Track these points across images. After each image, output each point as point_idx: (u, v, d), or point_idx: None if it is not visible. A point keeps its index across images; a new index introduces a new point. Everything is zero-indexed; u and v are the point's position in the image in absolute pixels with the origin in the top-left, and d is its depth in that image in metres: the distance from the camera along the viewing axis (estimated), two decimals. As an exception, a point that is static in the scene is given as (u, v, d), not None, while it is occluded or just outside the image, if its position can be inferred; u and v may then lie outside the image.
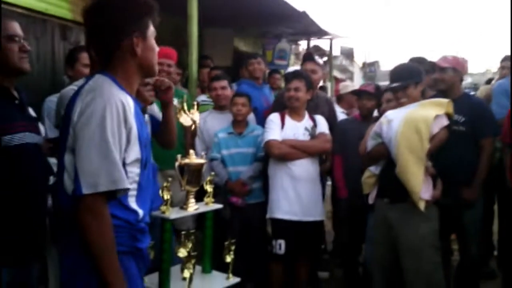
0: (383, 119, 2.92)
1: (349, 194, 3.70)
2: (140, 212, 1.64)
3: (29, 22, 3.93)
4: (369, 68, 18.24)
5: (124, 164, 1.54)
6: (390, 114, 2.91)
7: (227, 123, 3.76)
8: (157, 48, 1.72)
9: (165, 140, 2.50)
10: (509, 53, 4.47)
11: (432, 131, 2.71)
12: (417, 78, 2.97)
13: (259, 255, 3.64)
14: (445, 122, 2.80)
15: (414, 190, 2.69)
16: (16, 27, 1.98)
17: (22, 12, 3.85)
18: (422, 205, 2.71)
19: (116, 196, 1.53)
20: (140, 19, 1.65)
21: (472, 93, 6.02)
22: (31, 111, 2.18)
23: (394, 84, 2.99)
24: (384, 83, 4.67)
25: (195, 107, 2.37)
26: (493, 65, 20.89)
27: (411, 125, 2.73)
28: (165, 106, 2.39)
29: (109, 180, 1.47)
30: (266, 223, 3.92)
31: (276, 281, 3.41)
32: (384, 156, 2.90)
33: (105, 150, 1.47)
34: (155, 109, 2.58)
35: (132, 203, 1.61)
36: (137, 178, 1.62)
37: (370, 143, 2.97)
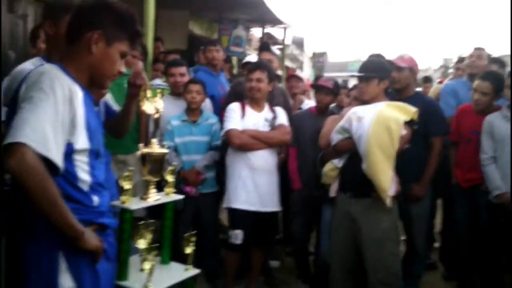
0: (352, 115, 2.88)
1: (302, 186, 3.75)
2: (96, 199, 1.63)
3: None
4: (318, 59, 18.43)
5: (72, 151, 1.51)
6: (360, 111, 2.88)
7: (181, 110, 3.68)
8: (119, 67, 1.69)
9: (118, 131, 2.37)
10: (462, 55, 4.65)
11: (402, 132, 2.73)
12: (382, 74, 2.95)
13: (211, 244, 3.63)
14: (408, 128, 2.82)
15: (384, 188, 2.71)
16: None
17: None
18: (389, 201, 2.76)
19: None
20: (113, 24, 1.63)
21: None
22: None
23: (359, 74, 2.96)
24: (332, 74, 4.74)
25: (159, 95, 2.28)
26: (432, 64, 21.96)
27: (382, 124, 2.73)
28: (131, 98, 2.28)
29: (42, 141, 1.38)
30: (218, 212, 3.89)
31: (231, 270, 3.41)
32: (351, 150, 2.89)
33: (51, 116, 1.42)
34: (109, 98, 2.44)
35: (86, 192, 1.60)
36: (87, 168, 1.59)
37: (336, 137, 2.95)
